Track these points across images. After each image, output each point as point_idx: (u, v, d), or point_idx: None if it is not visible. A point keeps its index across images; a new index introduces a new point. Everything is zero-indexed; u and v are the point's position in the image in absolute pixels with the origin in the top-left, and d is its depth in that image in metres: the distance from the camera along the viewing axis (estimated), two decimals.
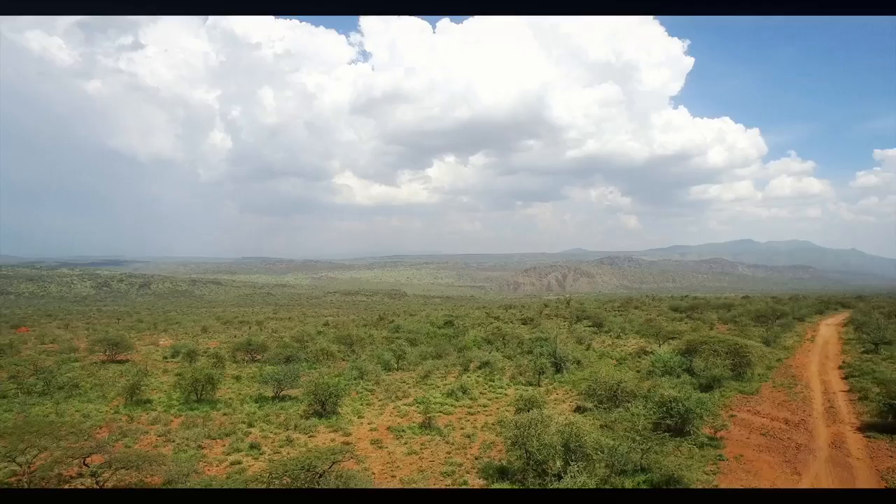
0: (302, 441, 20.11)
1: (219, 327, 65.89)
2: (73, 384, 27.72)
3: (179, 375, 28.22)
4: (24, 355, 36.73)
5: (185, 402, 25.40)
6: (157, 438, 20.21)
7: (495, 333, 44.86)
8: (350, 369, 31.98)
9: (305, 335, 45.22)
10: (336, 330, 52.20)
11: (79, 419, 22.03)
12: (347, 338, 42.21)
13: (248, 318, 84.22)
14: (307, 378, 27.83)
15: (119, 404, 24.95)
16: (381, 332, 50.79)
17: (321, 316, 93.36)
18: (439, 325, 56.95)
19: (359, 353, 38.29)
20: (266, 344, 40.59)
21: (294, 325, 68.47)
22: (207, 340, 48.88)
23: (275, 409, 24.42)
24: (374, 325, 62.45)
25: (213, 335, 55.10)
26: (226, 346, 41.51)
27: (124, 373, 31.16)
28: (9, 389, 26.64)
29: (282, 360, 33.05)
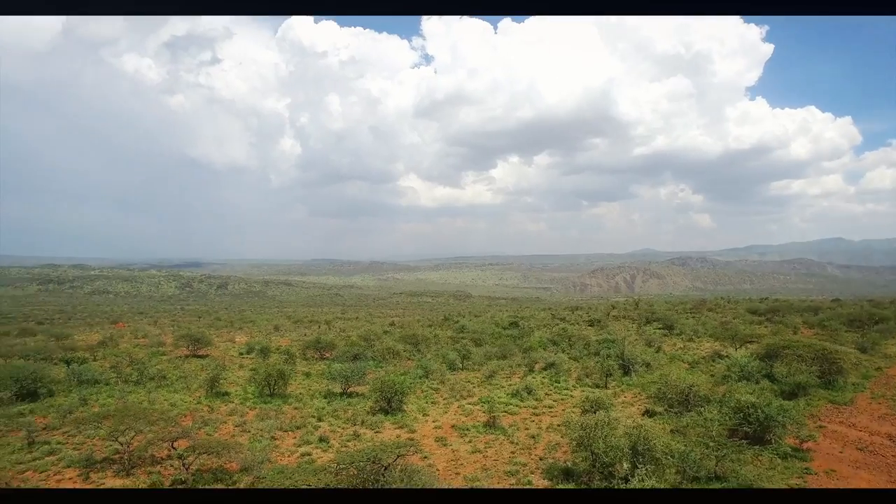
0: (368, 436, 20.56)
1: (290, 326, 68.63)
2: (161, 375, 29.91)
3: (254, 370, 29.66)
4: (121, 348, 39.88)
5: (259, 395, 26.64)
6: (234, 428, 21.31)
7: (561, 335, 44.08)
8: (415, 368, 32.42)
9: (372, 334, 46.25)
10: (402, 330, 53.11)
11: (167, 407, 23.63)
12: (413, 337, 42.86)
13: (318, 317, 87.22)
14: (373, 376, 28.46)
15: (201, 395, 26.52)
16: (446, 333, 51.16)
17: (387, 316, 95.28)
18: (504, 325, 56.69)
19: (424, 353, 38.75)
20: (334, 342, 41.84)
21: (361, 324, 70.24)
22: (279, 338, 51.00)
23: (342, 404, 25.12)
24: (439, 325, 63.00)
25: (284, 333, 57.45)
26: (296, 344, 43.13)
27: (205, 367, 33.06)
28: (110, 378, 29.14)
29: (349, 358, 33.95)
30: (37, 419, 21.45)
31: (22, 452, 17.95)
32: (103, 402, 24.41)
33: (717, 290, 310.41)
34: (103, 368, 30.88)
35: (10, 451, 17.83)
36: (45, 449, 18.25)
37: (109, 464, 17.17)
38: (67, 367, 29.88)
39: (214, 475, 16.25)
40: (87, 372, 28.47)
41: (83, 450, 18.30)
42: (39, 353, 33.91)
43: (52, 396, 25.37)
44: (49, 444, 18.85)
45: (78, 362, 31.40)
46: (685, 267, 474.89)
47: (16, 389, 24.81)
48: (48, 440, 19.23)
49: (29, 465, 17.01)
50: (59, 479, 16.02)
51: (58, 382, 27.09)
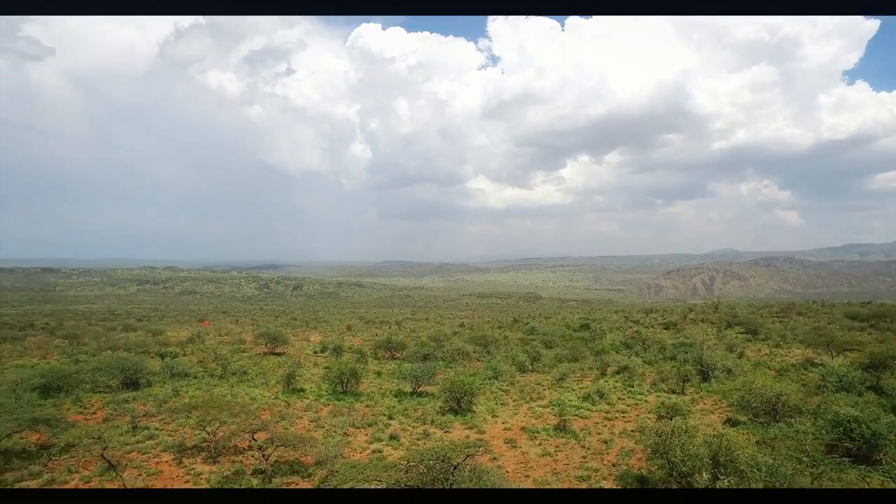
0: (438, 435, 20.80)
1: (362, 326, 70.56)
2: (242, 371, 31.72)
3: (328, 369, 30.75)
4: (207, 345, 42.63)
5: (332, 392, 27.61)
6: (309, 423, 22.22)
7: (635, 338, 42.62)
8: (485, 369, 32.43)
9: (442, 335, 46.69)
10: (471, 331, 53.26)
11: (248, 401, 25.00)
12: (482, 339, 42.88)
13: (388, 318, 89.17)
14: (443, 376, 28.73)
15: (278, 391, 27.84)
16: (515, 334, 50.80)
17: (457, 317, 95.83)
18: (575, 328, 55.53)
19: (493, 354, 38.67)
20: (405, 343, 42.60)
21: (431, 325, 71.11)
22: (352, 338, 52.58)
23: (413, 404, 25.55)
24: (508, 326, 62.66)
25: (356, 333, 59.14)
26: (368, 344, 44.29)
27: (282, 364, 34.67)
28: (198, 371, 31.26)
29: (419, 359, 34.47)
30: (138, 406, 23.41)
31: (128, 435, 19.68)
32: (192, 394, 26.20)
33: (808, 294, 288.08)
34: (192, 363, 33.13)
35: (119, 433, 19.54)
36: (145, 433, 19.92)
37: (198, 451, 18.43)
38: (162, 360, 32.36)
39: (291, 467, 17.04)
40: (178, 366, 30.66)
41: (176, 436, 19.79)
42: (139, 347, 36.94)
43: (150, 386, 27.54)
44: (149, 429, 20.53)
45: (171, 357, 33.97)
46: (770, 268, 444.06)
47: (122, 379, 27.22)
48: (148, 426, 20.93)
49: (133, 446, 18.61)
50: (157, 462, 17.39)
51: (154, 374, 29.38)
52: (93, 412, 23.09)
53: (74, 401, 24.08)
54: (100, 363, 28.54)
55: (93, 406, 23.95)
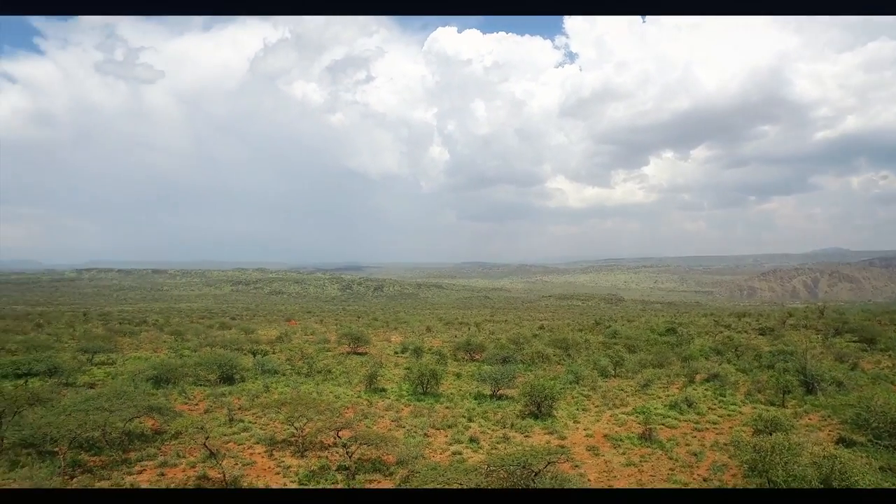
0: (518, 440, 20.59)
1: (441, 328, 71.38)
2: (327, 370, 33.06)
3: (408, 369, 31.38)
4: (294, 344, 44.88)
5: (413, 393, 28.10)
6: (390, 423, 22.73)
7: (726, 343, 40.11)
8: (566, 373, 31.76)
9: (521, 337, 46.29)
10: (551, 333, 52.41)
11: (332, 399, 25.96)
12: (563, 342, 42.07)
13: (467, 319, 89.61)
14: (523, 379, 28.44)
15: (361, 390, 28.74)
16: (597, 338, 49.43)
17: (536, 319, 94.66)
18: (660, 331, 53.12)
19: (574, 358, 37.82)
20: (484, 344, 42.62)
21: (510, 327, 70.68)
22: (431, 339, 53.33)
23: (492, 406, 25.47)
24: (589, 329, 61.06)
25: (436, 334, 59.92)
26: (447, 345, 44.73)
27: (364, 363, 35.77)
28: (286, 369, 32.91)
29: (499, 361, 34.33)
30: (234, 400, 25.04)
31: (225, 426, 21.07)
32: (281, 391, 27.61)
33: None
34: (280, 361, 34.95)
35: (217, 425, 20.98)
36: (240, 426, 21.24)
37: (287, 445, 19.40)
38: (254, 358, 34.41)
39: (373, 465, 17.51)
40: (268, 363, 32.49)
41: (268, 430, 20.95)
42: (233, 345, 39.51)
43: (244, 382, 29.38)
44: (243, 421, 21.86)
45: (261, 354, 36.08)
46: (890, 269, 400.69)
47: (219, 374, 29.28)
48: (242, 418, 22.30)
49: (230, 437, 19.89)
50: (251, 453, 18.48)
51: (247, 370, 31.30)
52: (195, 403, 24.97)
53: (180, 392, 26.16)
54: (200, 359, 30.80)
55: (195, 398, 25.89)
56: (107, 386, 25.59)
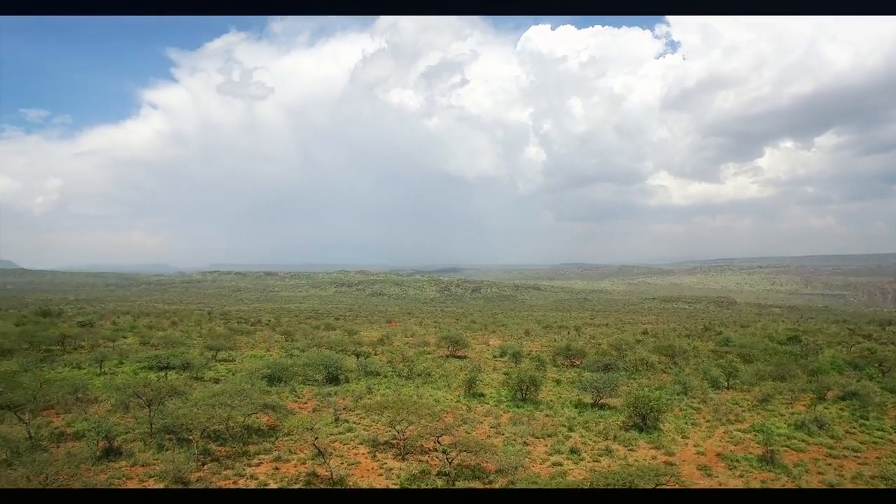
0: (621, 453, 19.73)
1: (539, 331, 70.33)
2: (427, 373, 33.72)
3: (507, 375, 31.19)
4: (395, 346, 46.30)
5: (511, 399, 27.86)
6: (489, 429, 22.71)
7: (866, 356, 35.81)
8: (672, 383, 30.01)
9: (623, 343, 44.46)
10: (655, 339, 49.86)
11: (432, 402, 26.45)
12: (668, 348, 39.83)
13: (567, 322, 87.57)
14: (626, 388, 27.31)
15: (460, 394, 29.00)
16: (706, 345, 46.26)
17: (639, 323, 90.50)
18: (781, 340, 48.57)
19: (682, 366, 35.65)
20: (584, 350, 41.41)
21: (611, 331, 68.14)
22: (530, 343, 52.70)
23: (593, 416, 24.65)
24: (698, 335, 57.29)
25: (534, 338, 59.15)
26: (546, 350, 43.97)
27: (463, 367, 36.07)
28: (387, 371, 34.02)
29: (600, 368, 33.21)
30: (339, 400, 26.27)
31: (331, 426, 22.19)
32: (383, 392, 28.59)
33: None
34: (382, 363, 36.16)
35: (324, 424, 22.12)
36: (345, 426, 22.27)
37: (389, 447, 20.04)
38: (357, 359, 35.92)
39: (473, 472, 17.59)
40: (370, 365, 33.77)
41: (371, 431, 21.78)
42: (338, 346, 41.54)
43: (348, 383, 30.79)
44: (348, 422, 22.91)
45: (364, 356, 37.56)
46: None
47: (325, 374, 30.91)
48: (347, 419, 23.38)
49: (336, 437, 20.92)
50: (355, 453, 19.32)
51: (351, 371, 32.76)
52: (304, 402, 26.56)
53: (291, 391, 27.95)
54: (308, 359, 32.71)
55: (304, 396, 27.54)
56: (228, 382, 27.98)
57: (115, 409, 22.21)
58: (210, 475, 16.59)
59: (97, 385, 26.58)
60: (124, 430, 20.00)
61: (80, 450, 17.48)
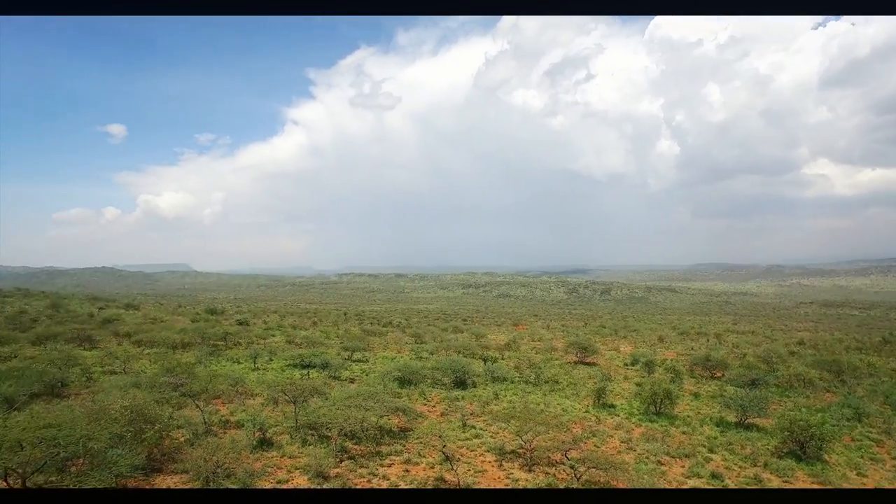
0: (774, 484, 17.65)
1: (675, 337, 65.76)
2: (554, 380, 33.04)
3: (639, 385, 29.51)
4: (521, 350, 46.04)
5: (644, 412, 26.28)
6: (619, 444, 21.57)
7: None
8: (839, 406, 26.25)
9: (773, 354, 40.03)
10: (815, 351, 44.19)
11: (559, 412, 25.82)
12: (833, 363, 35.00)
13: (706, 329, 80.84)
14: (778, 408, 24.50)
15: (588, 404, 27.96)
16: (887, 362, 39.93)
17: (793, 331, 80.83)
18: None
19: (852, 386, 31.13)
20: (726, 361, 37.94)
21: (758, 340, 61.62)
22: (664, 350, 49.45)
23: (739, 437, 22.38)
24: (874, 349, 49.75)
25: (669, 345, 55.39)
26: (682, 359, 40.97)
27: (591, 375, 34.81)
28: (514, 377, 33.86)
29: (746, 383, 30.19)
30: (467, 405, 26.66)
31: (459, 431, 22.52)
32: (510, 399, 28.44)
33: None
34: (509, 368, 36.04)
35: (451, 428, 22.60)
36: (472, 432, 22.48)
37: (516, 456, 19.84)
38: (484, 364, 36.19)
39: None
40: (497, 370, 33.82)
41: (497, 439, 21.71)
42: (465, 349, 42.20)
43: (475, 387, 31.12)
44: (475, 428, 23.10)
45: (491, 361, 37.75)
46: None
47: (453, 378, 31.57)
48: (474, 425, 23.58)
49: (463, 443, 21.17)
50: (482, 461, 19.40)
51: (478, 376, 33.07)
52: (433, 405, 27.29)
53: (420, 393, 28.92)
54: (437, 363, 33.63)
55: (433, 399, 28.31)
56: (362, 383, 29.73)
57: (267, 403, 24.58)
58: (347, 472, 17.65)
59: (252, 380, 29.67)
60: (274, 423, 22.02)
61: (240, 437, 19.54)
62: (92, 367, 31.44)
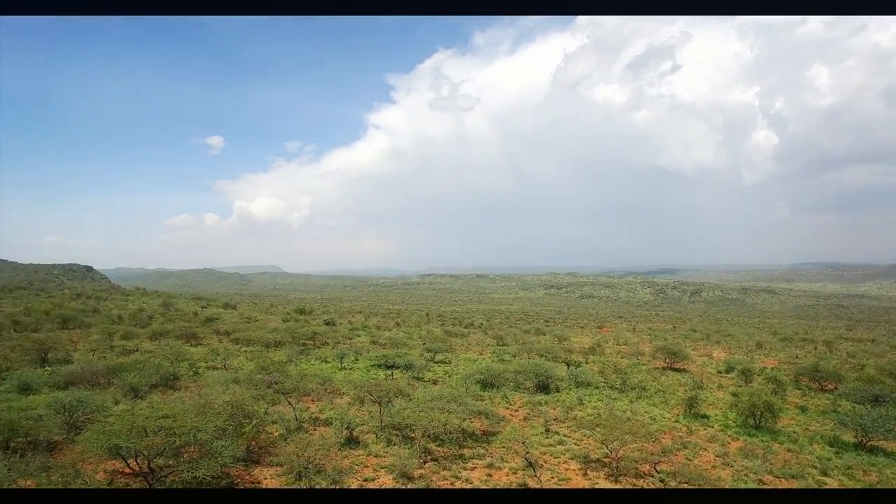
0: None
1: (775, 344, 60.96)
2: (641, 386, 31.67)
3: (735, 395, 27.62)
4: (606, 355, 44.56)
5: (742, 425, 24.49)
6: (714, 458, 20.20)
7: None
8: None
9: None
10: None
11: (647, 420, 24.71)
12: None
13: (812, 335, 74.25)
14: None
15: (679, 413, 26.51)
16: None
17: None
18: None
19: None
20: (838, 372, 34.61)
21: (881, 349, 55.64)
22: (763, 358, 45.97)
23: (860, 461, 20.23)
24: None
25: (769, 352, 51.42)
26: (785, 368, 37.92)
27: (682, 382, 33.01)
28: (598, 382, 32.85)
29: (866, 399, 27.30)
30: (550, 410, 26.14)
31: (542, 436, 22.11)
32: (594, 405, 27.57)
33: None
34: (593, 372, 34.94)
35: (535, 434, 22.25)
36: (556, 438, 21.99)
37: (601, 465, 19.15)
38: (567, 368, 35.36)
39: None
40: (581, 374, 32.90)
41: (582, 447, 21.08)
42: (548, 353, 41.46)
43: (558, 392, 30.47)
44: (558, 434, 22.58)
45: (575, 365, 36.81)
46: None
47: (535, 382, 31.12)
48: (557, 431, 23.06)
49: (546, 449, 20.77)
50: (566, 468, 18.92)
51: (561, 380, 32.35)
52: (515, 409, 27.00)
53: (503, 397, 28.72)
54: (519, 366, 33.23)
55: (515, 403, 28.01)
56: (445, 385, 30.01)
57: (353, 402, 25.44)
58: (430, 474, 17.86)
59: (339, 379, 30.82)
60: (360, 422, 22.72)
61: (329, 435, 20.38)
62: (197, 363, 34.12)
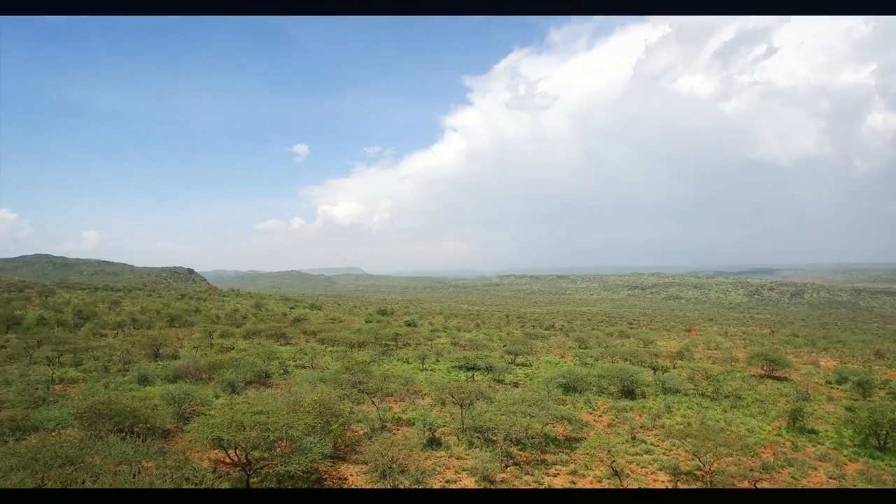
0: None
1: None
2: (736, 395, 29.77)
3: (851, 410, 25.18)
4: (696, 360, 42.22)
5: (860, 444, 22.26)
6: (826, 479, 18.48)
7: None
8: None
9: None
10: None
11: (744, 432, 23.12)
12: None
13: None
14: None
15: (781, 426, 24.60)
16: None
17: None
18: None
19: None
20: None
21: None
22: (885, 369, 41.61)
23: None
24: None
25: (892, 363, 46.43)
26: None
27: (783, 393, 30.65)
28: (688, 389, 31.17)
29: None
30: (636, 417, 25.18)
31: (627, 444, 21.31)
32: (684, 413, 26.21)
33: None
34: (681, 378, 33.19)
35: (620, 441, 21.50)
36: (643, 447, 21.12)
37: (693, 478, 18.15)
38: (654, 373, 33.87)
39: None
40: (669, 380, 31.38)
41: (671, 457, 20.11)
42: (633, 357, 39.95)
43: (644, 398, 29.26)
44: (645, 442, 21.68)
45: (661, 370, 35.18)
46: None
47: (620, 387, 30.12)
48: (644, 439, 22.15)
49: (633, 457, 19.98)
50: (654, 479, 18.14)
51: (647, 386, 31.07)
52: (599, 415, 26.22)
53: (586, 401, 27.99)
54: (603, 370, 32.25)
55: (599, 408, 27.21)
56: (527, 388, 29.69)
57: (435, 403, 25.80)
58: (512, 478, 17.76)
59: (420, 380, 31.36)
60: (442, 423, 23.00)
61: (412, 435, 20.79)
62: (287, 361, 36.02)
